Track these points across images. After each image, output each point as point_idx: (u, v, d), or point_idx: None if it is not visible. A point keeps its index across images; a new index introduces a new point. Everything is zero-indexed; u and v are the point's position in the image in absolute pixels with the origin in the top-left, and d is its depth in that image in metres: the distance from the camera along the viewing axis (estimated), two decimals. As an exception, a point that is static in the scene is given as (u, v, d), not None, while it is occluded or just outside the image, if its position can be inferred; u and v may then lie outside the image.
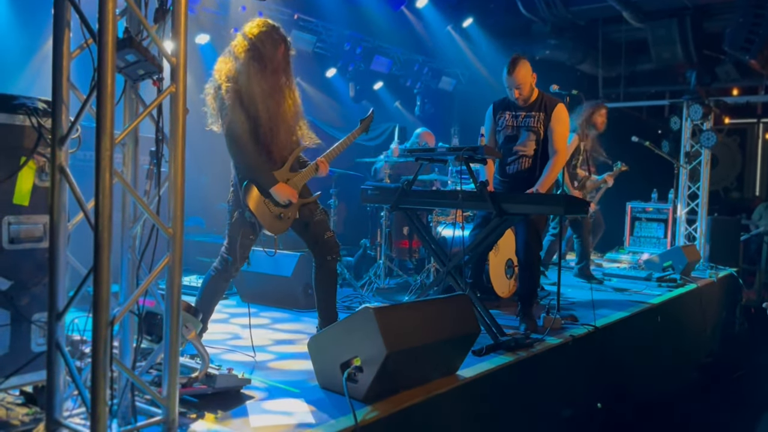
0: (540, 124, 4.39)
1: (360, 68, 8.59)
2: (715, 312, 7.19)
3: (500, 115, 4.52)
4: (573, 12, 8.88)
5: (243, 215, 3.44)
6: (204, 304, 3.49)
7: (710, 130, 8.55)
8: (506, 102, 4.53)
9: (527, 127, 4.41)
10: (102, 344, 1.86)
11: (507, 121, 4.49)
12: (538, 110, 4.40)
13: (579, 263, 6.65)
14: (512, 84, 4.35)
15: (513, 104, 4.47)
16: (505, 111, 4.51)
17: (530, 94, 4.40)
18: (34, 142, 2.36)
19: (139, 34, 2.12)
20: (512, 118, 4.47)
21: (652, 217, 8.75)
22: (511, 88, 4.37)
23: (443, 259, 4.19)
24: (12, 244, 2.34)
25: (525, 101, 4.40)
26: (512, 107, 4.48)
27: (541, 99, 4.43)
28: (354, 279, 5.75)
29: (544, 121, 4.39)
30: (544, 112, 4.39)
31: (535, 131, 4.40)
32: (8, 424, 2.24)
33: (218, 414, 2.55)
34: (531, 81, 4.37)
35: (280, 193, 3.40)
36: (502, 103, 4.56)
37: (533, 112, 4.41)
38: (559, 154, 4.35)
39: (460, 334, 3.14)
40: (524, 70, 4.33)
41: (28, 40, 5.49)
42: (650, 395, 5.38)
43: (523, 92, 4.35)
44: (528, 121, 4.42)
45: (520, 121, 4.44)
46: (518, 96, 4.37)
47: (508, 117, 4.49)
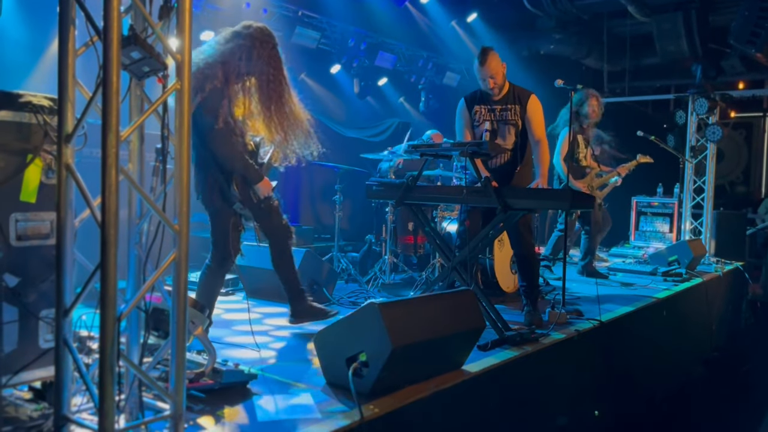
0: (517, 116, 4.41)
1: (364, 64, 8.58)
2: (721, 306, 7.17)
3: (476, 109, 4.51)
4: (578, 6, 8.85)
5: (230, 209, 3.52)
6: (205, 300, 3.52)
7: (716, 124, 8.51)
8: (479, 95, 4.51)
9: (505, 121, 4.43)
10: (109, 340, 1.87)
11: (484, 115, 4.48)
12: (513, 102, 4.42)
13: (582, 260, 6.63)
14: (486, 75, 4.36)
15: (487, 97, 4.47)
16: (480, 105, 4.50)
17: (503, 84, 4.41)
18: (41, 139, 2.37)
19: (144, 31, 2.13)
20: (489, 112, 4.47)
21: (658, 212, 8.72)
22: (485, 79, 4.38)
23: (448, 255, 4.19)
24: (19, 241, 2.35)
25: (499, 91, 4.41)
26: (486, 101, 4.47)
27: (513, 90, 4.44)
28: (359, 274, 5.77)
29: (520, 113, 4.41)
30: (519, 104, 4.41)
31: (513, 124, 4.42)
32: (17, 420, 2.26)
33: (225, 409, 2.56)
34: (502, 70, 4.38)
35: (263, 188, 3.55)
36: (475, 97, 4.54)
37: (509, 105, 4.42)
38: (542, 142, 4.39)
39: (466, 329, 3.14)
40: (495, 60, 4.35)
41: (34, 38, 5.51)
42: (656, 390, 5.38)
43: (497, 81, 4.36)
44: (505, 114, 4.43)
45: (497, 115, 4.44)
46: (493, 86, 4.37)
47: (484, 111, 4.48)
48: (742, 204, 10.47)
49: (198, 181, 3.53)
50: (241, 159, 3.46)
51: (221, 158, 3.45)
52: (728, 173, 11.61)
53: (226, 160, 3.45)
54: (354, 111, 9.40)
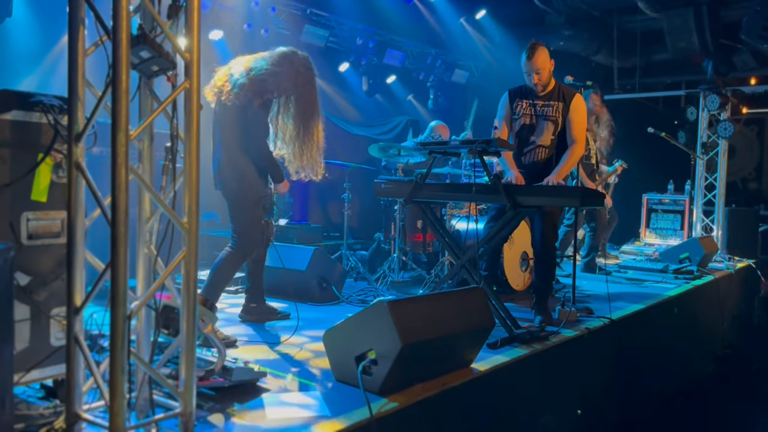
0: (558, 113, 4.35)
1: (373, 62, 8.58)
2: (733, 304, 7.12)
3: (517, 104, 4.46)
4: (587, 2, 8.80)
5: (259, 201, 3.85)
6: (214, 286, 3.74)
7: (727, 120, 8.44)
8: (523, 90, 4.47)
9: (545, 117, 4.37)
10: (120, 338, 1.88)
11: (524, 109, 4.43)
12: (557, 99, 4.36)
13: (586, 256, 6.60)
14: (531, 69, 4.30)
15: (530, 93, 4.42)
16: (522, 99, 4.45)
17: (548, 81, 4.36)
18: (51, 138, 2.38)
19: (153, 30, 2.13)
20: (530, 106, 4.42)
21: (669, 209, 8.66)
22: (530, 73, 4.32)
23: (457, 252, 4.18)
24: (30, 239, 2.37)
25: (543, 88, 4.36)
26: (530, 95, 4.43)
27: (559, 88, 4.40)
28: (368, 272, 5.77)
29: (562, 111, 4.35)
30: (563, 102, 4.35)
31: (553, 121, 4.36)
32: (29, 417, 2.28)
33: (235, 407, 2.57)
34: (549, 68, 4.33)
35: (283, 187, 4.00)
36: (519, 91, 4.49)
37: (551, 102, 4.37)
38: (577, 144, 4.31)
39: (475, 327, 3.14)
40: (543, 56, 4.29)
41: (44, 38, 5.55)
42: (667, 388, 5.35)
43: (542, 77, 4.30)
44: (546, 110, 4.37)
45: (538, 110, 4.39)
46: (537, 81, 4.31)
47: (525, 105, 4.43)
48: (755, 200, 10.38)
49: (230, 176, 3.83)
50: (272, 158, 3.89)
51: (257, 154, 3.81)
52: (740, 170, 11.50)
53: (260, 158, 3.82)
54: (362, 109, 9.40)
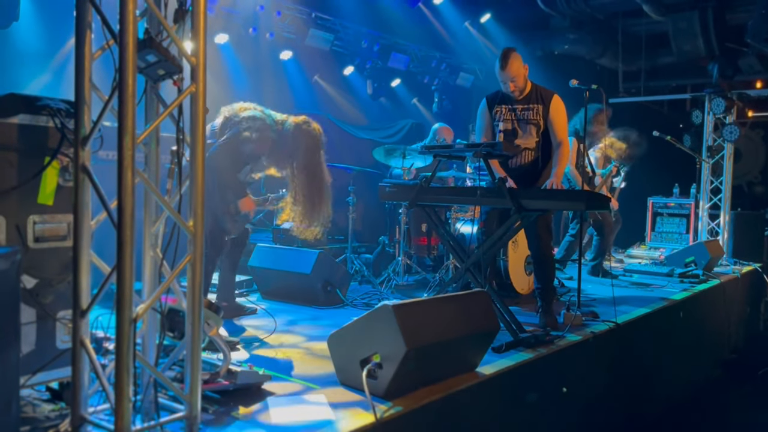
0: (539, 116, 4.37)
1: (377, 65, 8.59)
2: (739, 308, 7.08)
3: (496, 109, 4.48)
4: (592, 6, 8.79)
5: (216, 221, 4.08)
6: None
7: (733, 124, 8.42)
8: (500, 96, 4.49)
9: (527, 120, 4.39)
10: (125, 341, 1.89)
11: (504, 115, 4.45)
12: (536, 102, 4.39)
13: (593, 260, 6.58)
14: (507, 78, 4.33)
15: (508, 98, 4.44)
16: (500, 105, 4.47)
17: (525, 86, 4.38)
18: (58, 142, 2.40)
19: (159, 34, 2.14)
20: (509, 111, 4.44)
21: (674, 213, 8.64)
22: (505, 82, 4.35)
23: (462, 256, 4.18)
24: (37, 242, 2.38)
25: (521, 93, 4.38)
26: (508, 101, 4.45)
27: (536, 90, 4.41)
28: (373, 276, 5.77)
29: (542, 113, 4.37)
30: (542, 104, 4.37)
31: (535, 123, 4.38)
32: (35, 420, 2.28)
33: (240, 410, 2.57)
34: (524, 72, 4.35)
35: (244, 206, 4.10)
36: (496, 97, 4.51)
37: (531, 104, 4.39)
38: (563, 144, 4.35)
39: (480, 331, 3.13)
40: (517, 63, 4.31)
41: (51, 42, 5.57)
42: (673, 392, 5.33)
43: (518, 84, 4.33)
44: (526, 113, 4.39)
45: (518, 115, 4.41)
46: (514, 89, 4.35)
47: (505, 111, 4.45)
48: (760, 204, 10.32)
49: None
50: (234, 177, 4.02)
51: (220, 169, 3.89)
52: (746, 173, 11.45)
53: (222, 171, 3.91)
54: (367, 112, 9.41)
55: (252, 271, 5.16)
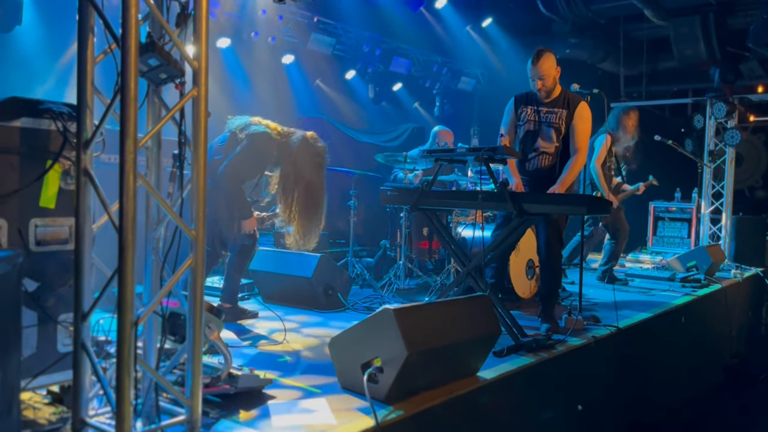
0: (562, 120, 4.34)
1: (379, 70, 8.60)
2: (741, 313, 7.07)
3: (522, 110, 4.46)
4: (594, 10, 8.80)
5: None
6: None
7: (734, 128, 8.41)
8: (529, 96, 4.47)
9: (549, 123, 4.36)
10: (126, 344, 1.89)
11: (528, 115, 4.43)
12: (561, 107, 4.35)
13: (604, 265, 6.53)
14: (536, 75, 4.29)
15: (535, 99, 4.41)
16: (527, 105, 4.45)
17: (553, 88, 4.34)
18: (60, 146, 2.40)
19: (162, 38, 2.15)
20: (534, 113, 4.41)
21: (676, 217, 8.63)
22: (534, 78, 4.31)
23: (463, 260, 4.17)
24: (39, 246, 2.38)
25: (548, 94, 4.35)
26: (534, 102, 4.42)
27: (565, 96, 4.39)
28: (374, 280, 5.76)
29: (566, 118, 4.34)
30: (567, 109, 4.34)
31: (556, 128, 4.35)
32: (35, 423, 2.28)
33: (240, 413, 2.57)
34: (555, 74, 4.32)
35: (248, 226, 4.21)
36: (525, 97, 4.49)
37: (556, 108, 4.36)
38: (580, 153, 4.30)
39: (481, 335, 3.13)
40: (549, 62, 4.28)
41: (53, 46, 5.59)
42: (674, 397, 5.31)
43: (546, 83, 4.29)
44: (550, 117, 4.37)
45: (542, 117, 4.38)
46: (541, 87, 4.30)
47: (530, 112, 4.43)
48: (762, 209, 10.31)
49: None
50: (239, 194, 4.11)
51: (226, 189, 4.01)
52: (747, 178, 11.44)
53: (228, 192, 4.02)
54: (369, 116, 9.42)
55: (253, 274, 5.16)
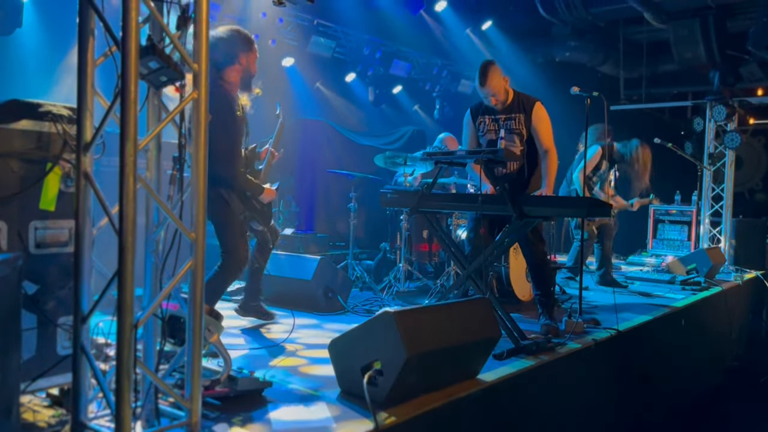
0: (521, 125, 4.39)
1: (379, 72, 8.61)
2: (741, 315, 7.07)
3: (480, 120, 4.52)
4: (593, 13, 8.81)
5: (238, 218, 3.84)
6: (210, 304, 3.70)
7: (734, 131, 8.42)
8: (484, 106, 4.52)
9: (510, 130, 4.41)
10: (126, 347, 1.89)
11: (488, 125, 4.48)
12: (518, 111, 4.40)
13: (599, 269, 6.55)
14: (487, 93, 4.37)
15: (491, 108, 4.47)
16: (484, 115, 4.51)
17: (506, 98, 4.40)
18: (60, 148, 2.40)
19: (162, 41, 2.15)
20: (493, 122, 4.47)
21: (676, 220, 8.64)
22: (486, 97, 4.39)
23: (463, 263, 4.17)
24: (38, 248, 2.38)
25: (503, 104, 4.41)
26: (491, 111, 4.48)
27: (518, 99, 4.43)
28: (374, 282, 5.76)
29: (525, 122, 4.39)
30: (524, 113, 4.39)
31: (518, 133, 4.40)
32: (35, 426, 2.28)
33: (240, 416, 2.57)
34: (504, 85, 4.38)
35: (267, 196, 3.95)
36: (480, 107, 4.55)
37: (513, 114, 4.41)
38: (550, 152, 4.35)
39: (481, 338, 3.12)
40: (496, 78, 4.34)
41: (53, 48, 5.59)
42: (675, 400, 5.31)
43: (499, 98, 4.37)
44: (509, 123, 4.41)
45: (502, 124, 4.43)
46: (495, 103, 4.39)
47: (488, 121, 4.49)
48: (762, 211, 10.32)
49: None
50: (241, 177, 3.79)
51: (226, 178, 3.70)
52: (747, 180, 11.45)
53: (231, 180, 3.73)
54: (369, 119, 9.43)
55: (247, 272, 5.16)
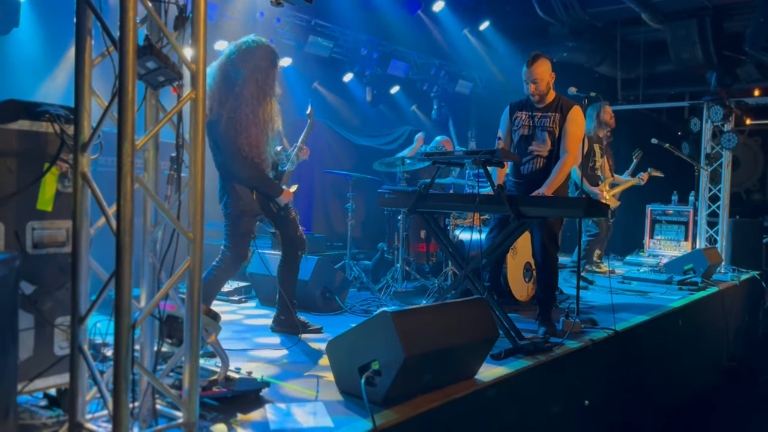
0: (555, 124, 4.38)
1: (377, 72, 8.61)
2: (738, 315, 7.08)
3: (516, 115, 4.52)
4: (591, 14, 8.82)
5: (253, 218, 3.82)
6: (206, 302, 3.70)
7: (731, 132, 8.44)
8: (523, 103, 4.54)
9: (543, 127, 4.40)
10: (123, 348, 1.88)
11: (523, 120, 4.48)
12: (555, 111, 4.40)
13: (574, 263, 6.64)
14: (529, 77, 4.35)
15: (530, 105, 4.48)
16: (521, 111, 4.51)
17: (546, 92, 4.39)
18: (57, 148, 2.39)
19: (160, 41, 2.15)
20: (528, 118, 4.46)
21: (673, 220, 8.65)
22: (527, 81, 4.37)
23: (461, 263, 4.18)
24: (36, 248, 2.37)
25: (540, 98, 4.40)
26: (529, 107, 4.49)
27: (558, 100, 4.44)
28: (371, 282, 5.76)
29: (559, 122, 4.38)
30: (560, 113, 4.38)
31: (550, 131, 4.39)
32: (32, 427, 2.27)
33: (238, 417, 2.56)
34: (548, 79, 4.37)
35: (284, 198, 3.88)
36: (519, 103, 4.57)
37: (549, 113, 4.40)
38: (569, 156, 4.33)
39: (479, 338, 3.13)
40: (543, 67, 4.34)
41: (51, 48, 5.58)
42: (673, 400, 5.32)
43: (539, 87, 4.35)
44: (544, 121, 4.41)
45: (536, 121, 4.42)
46: (533, 90, 4.36)
47: (524, 117, 4.48)
48: (759, 212, 10.36)
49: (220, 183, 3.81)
50: (262, 177, 3.77)
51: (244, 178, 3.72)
52: (744, 181, 11.49)
53: (249, 180, 3.74)
54: (366, 119, 9.42)
55: (251, 277, 5.16)
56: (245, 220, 3.76)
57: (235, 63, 3.67)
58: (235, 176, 3.71)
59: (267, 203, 3.87)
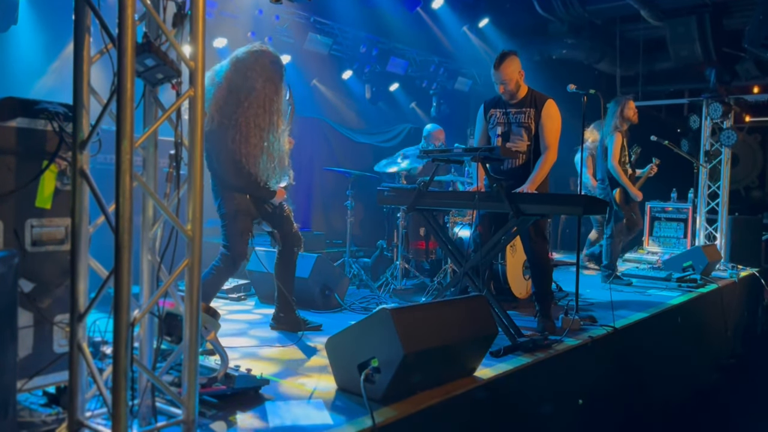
0: (531, 119, 4.39)
1: (376, 70, 8.60)
2: (737, 313, 7.09)
3: (491, 113, 4.53)
4: (590, 11, 8.82)
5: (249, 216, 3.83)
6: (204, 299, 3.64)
7: (730, 129, 8.44)
8: (497, 100, 4.53)
9: (518, 123, 4.41)
10: (123, 345, 1.88)
11: (498, 118, 4.49)
12: (528, 106, 4.40)
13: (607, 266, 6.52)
14: (498, 79, 4.36)
15: (503, 102, 4.48)
16: (495, 108, 4.52)
17: (517, 90, 4.39)
18: (56, 146, 2.39)
19: (158, 38, 2.14)
20: (503, 115, 4.47)
21: (672, 217, 8.65)
22: (497, 83, 4.38)
23: (460, 260, 4.18)
24: (34, 246, 2.37)
25: (511, 97, 4.40)
26: (502, 105, 4.49)
27: (531, 95, 4.43)
28: (371, 280, 5.76)
29: (534, 117, 4.38)
30: (534, 108, 4.39)
31: (526, 127, 4.40)
32: (32, 424, 2.28)
33: (237, 414, 2.57)
34: (518, 77, 4.36)
35: (278, 198, 3.91)
36: (493, 101, 4.57)
37: (524, 108, 4.41)
38: (550, 150, 4.33)
39: (478, 335, 3.13)
40: (511, 67, 4.32)
41: (49, 46, 5.58)
42: (672, 397, 5.33)
43: (508, 87, 4.35)
44: (519, 117, 4.41)
45: (511, 118, 4.44)
46: (503, 91, 4.38)
47: (498, 114, 4.49)
48: (758, 209, 10.36)
49: (213, 187, 3.80)
50: (255, 184, 3.75)
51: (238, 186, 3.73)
52: (743, 178, 11.49)
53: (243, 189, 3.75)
54: (365, 116, 9.42)
55: (250, 275, 5.16)
56: (241, 218, 3.76)
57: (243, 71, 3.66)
58: (229, 184, 3.72)
59: (262, 205, 3.88)
